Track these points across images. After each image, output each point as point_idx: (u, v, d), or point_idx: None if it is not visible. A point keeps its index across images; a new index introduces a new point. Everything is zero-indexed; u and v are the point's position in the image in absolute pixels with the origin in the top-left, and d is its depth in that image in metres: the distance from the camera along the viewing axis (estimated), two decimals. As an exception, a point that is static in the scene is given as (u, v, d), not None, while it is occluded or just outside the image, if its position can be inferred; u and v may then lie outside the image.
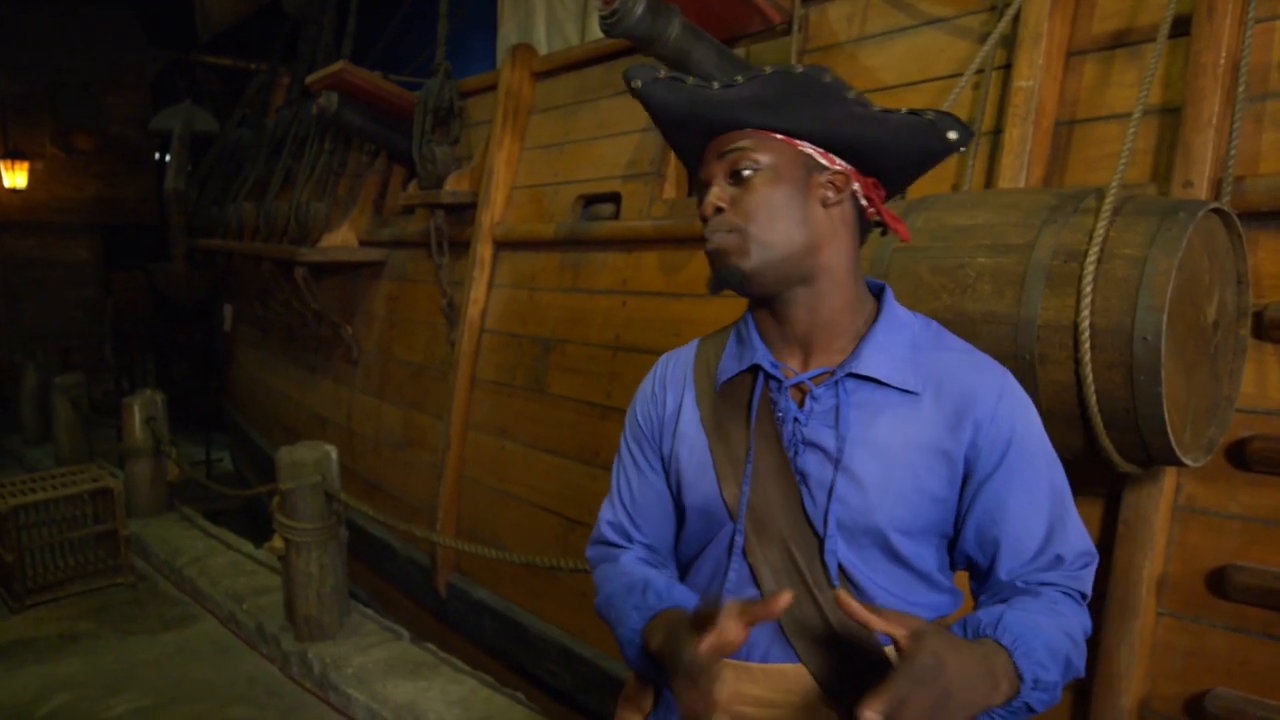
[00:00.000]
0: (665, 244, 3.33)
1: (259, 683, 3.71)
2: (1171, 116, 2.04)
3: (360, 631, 3.87)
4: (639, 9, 2.69)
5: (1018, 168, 2.22)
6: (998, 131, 2.32)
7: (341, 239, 5.40)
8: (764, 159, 1.11)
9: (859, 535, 1.10)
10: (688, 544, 1.24)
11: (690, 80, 1.11)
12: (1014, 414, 1.11)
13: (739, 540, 1.15)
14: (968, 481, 1.11)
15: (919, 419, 1.10)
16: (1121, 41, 2.19)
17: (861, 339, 1.14)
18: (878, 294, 1.21)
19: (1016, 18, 2.26)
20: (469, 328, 4.29)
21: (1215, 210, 1.64)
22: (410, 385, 4.90)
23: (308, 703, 3.52)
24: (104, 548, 4.90)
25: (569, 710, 3.59)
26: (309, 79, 5.19)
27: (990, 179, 2.32)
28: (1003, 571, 1.11)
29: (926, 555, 1.13)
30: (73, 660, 3.94)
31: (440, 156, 4.48)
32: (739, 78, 1.10)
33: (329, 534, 3.75)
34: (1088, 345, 1.55)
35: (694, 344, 1.31)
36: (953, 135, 1.10)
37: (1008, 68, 2.33)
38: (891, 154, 1.13)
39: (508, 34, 5.59)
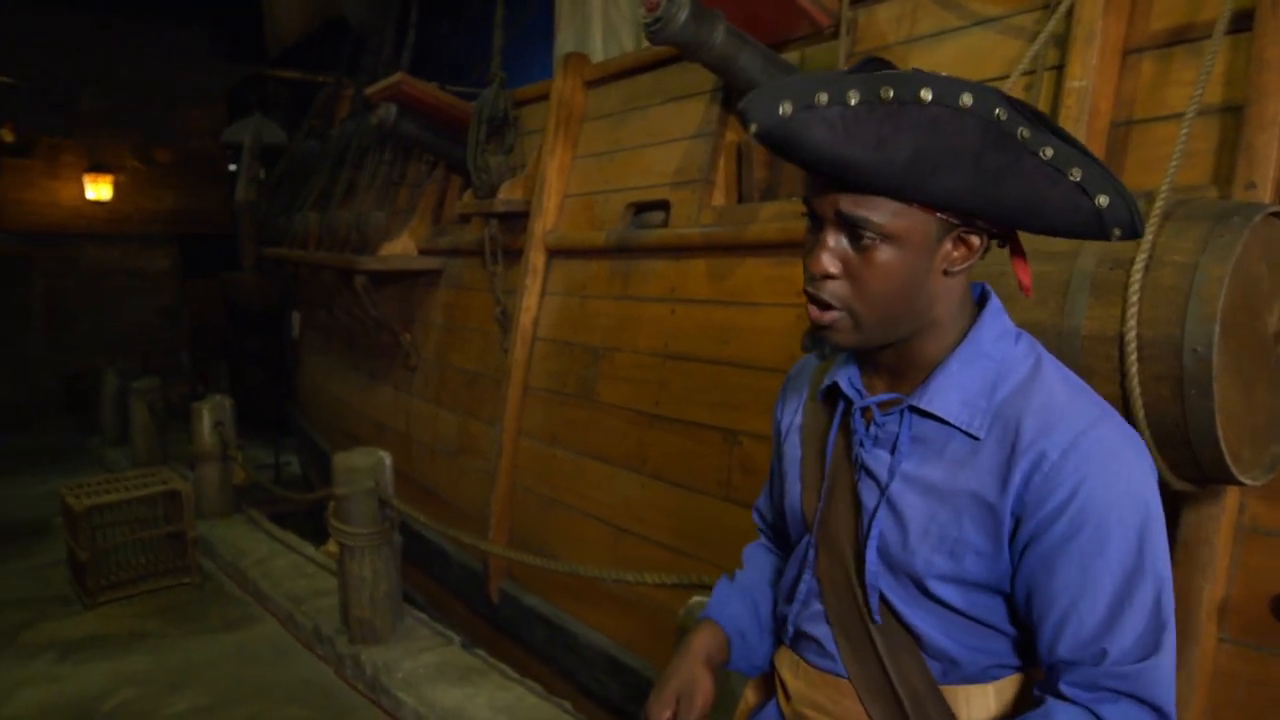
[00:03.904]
0: (713, 251, 3.30)
1: (314, 684, 3.78)
2: (1234, 115, 1.94)
3: (412, 636, 3.91)
4: (682, 16, 2.67)
5: (1070, 171, 2.13)
6: (1050, 134, 2.24)
7: (401, 248, 5.48)
8: (890, 231, 0.95)
9: (901, 573, 1.05)
10: (791, 540, 1.25)
11: (822, 98, 0.90)
12: (1083, 471, 0.94)
13: (811, 555, 1.16)
14: (1016, 538, 0.99)
15: (975, 464, 1.00)
16: (1181, 38, 2.09)
17: (934, 370, 1.04)
18: (982, 301, 1.09)
19: (1069, 15, 2.17)
20: (521, 335, 4.31)
21: (1275, 214, 1.55)
22: (465, 392, 4.95)
23: (359, 705, 3.57)
24: (173, 548, 5.06)
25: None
26: (368, 90, 5.29)
27: (1042, 183, 2.24)
28: (1044, 650, 0.99)
29: (981, 603, 1.03)
30: (139, 657, 4.07)
31: (494, 165, 4.52)
32: (886, 91, 0.89)
33: (382, 539, 3.80)
34: (1134, 357, 1.48)
35: None
36: (1117, 234, 0.96)
37: (1061, 68, 2.25)
38: (1042, 224, 0.98)
39: (564, 42, 5.62)
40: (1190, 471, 1.57)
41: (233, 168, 9.55)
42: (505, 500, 4.32)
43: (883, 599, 1.07)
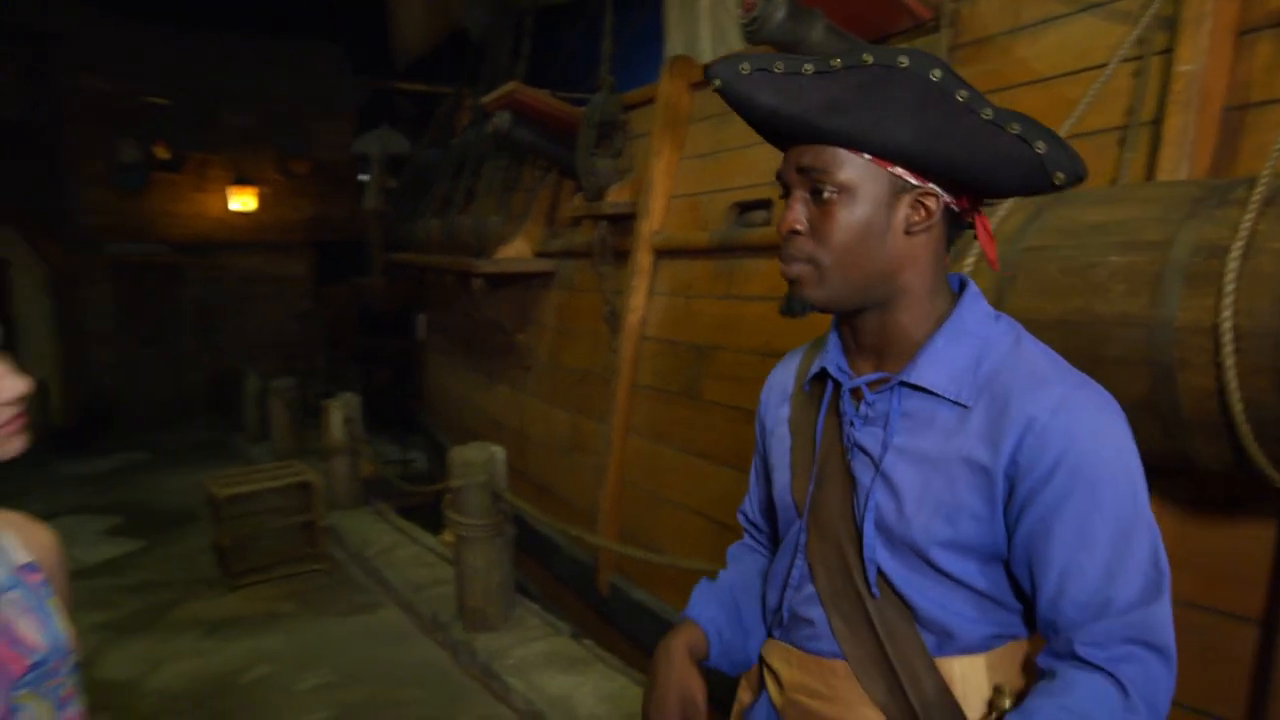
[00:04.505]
0: (815, 249, 3.30)
1: (431, 667, 3.96)
2: (1357, 96, 1.84)
3: (524, 625, 4.05)
4: (779, 15, 2.69)
5: (1178, 159, 2.06)
6: (1158, 121, 2.16)
7: (515, 251, 5.66)
8: (846, 183, 1.04)
9: (899, 546, 1.08)
10: (780, 533, 1.28)
11: (779, 67, 1.02)
12: (1071, 431, 0.98)
13: (802, 538, 1.18)
14: (1011, 501, 1.02)
15: (965, 432, 1.04)
16: (1301, 16, 1.99)
17: (921, 348, 1.09)
18: (962, 290, 1.14)
19: (1178, -2, 2.10)
20: (629, 335, 4.40)
21: (1393, 198, 1.47)
22: (576, 391, 5.08)
23: (471, 689, 3.72)
24: (305, 536, 5.37)
25: (719, 714, 3.61)
26: (484, 100, 5.50)
27: (1151, 172, 2.17)
28: (1046, 609, 1.01)
29: (984, 573, 1.06)
30: (274, 636, 4.35)
31: (602, 169, 4.62)
32: (835, 61, 1.01)
33: (495, 530, 3.95)
34: (1230, 348, 1.43)
35: (805, 347, 1.34)
36: (1060, 177, 1.00)
37: (1170, 52, 2.17)
38: (992, 177, 1.03)
39: (674, 45, 5.68)
40: (1296, 468, 1.50)
41: (362, 178, 10.01)
42: (614, 496, 4.42)
43: (880, 573, 1.09)
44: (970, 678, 1.06)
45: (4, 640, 0.99)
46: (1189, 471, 1.89)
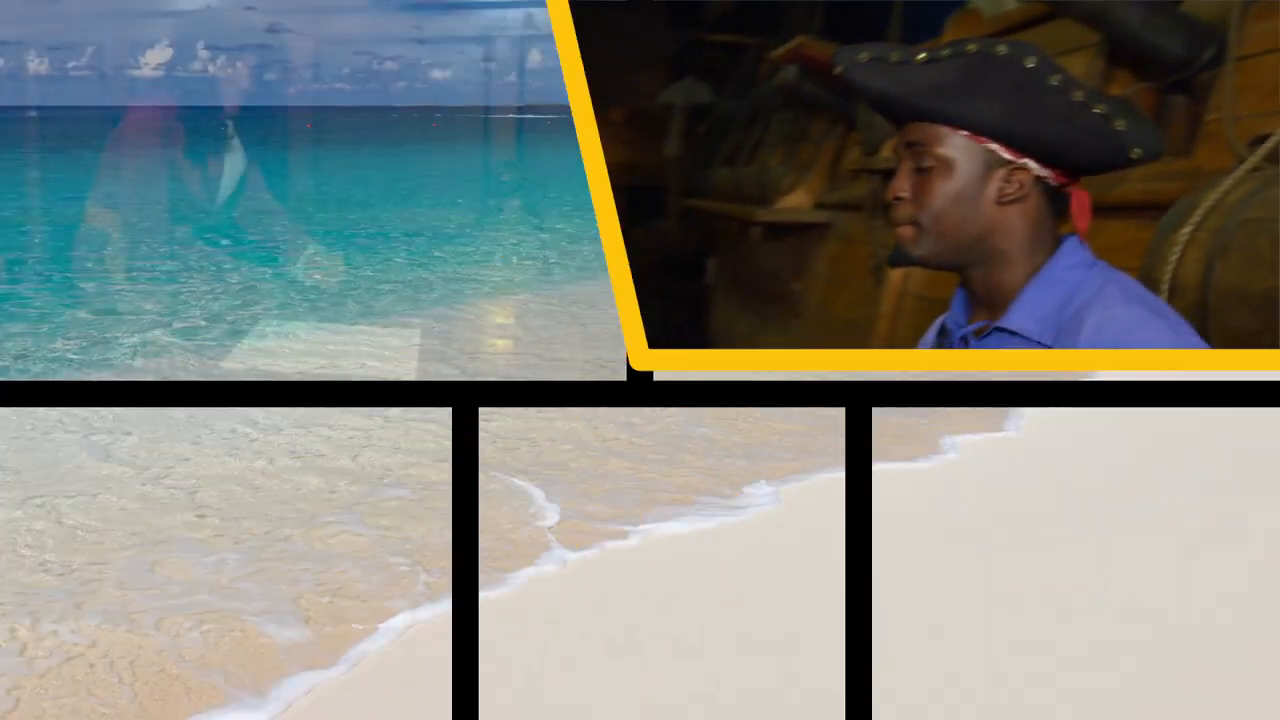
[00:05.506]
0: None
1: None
2: None
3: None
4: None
5: None
6: None
7: (794, 201, 5.78)
8: (943, 156, 1.18)
9: None
10: None
11: (894, 56, 1.21)
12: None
13: None
14: None
15: None
16: None
17: (1016, 296, 1.21)
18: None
19: None
20: (890, 290, 4.44)
21: None
22: (841, 342, 5.18)
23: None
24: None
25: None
26: (774, 54, 5.65)
27: None
28: None
29: None
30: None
31: (880, 123, 4.64)
32: (945, 51, 1.17)
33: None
34: None
35: None
36: (1136, 152, 1.14)
37: None
38: (1074, 152, 1.16)
39: (974, -3, 5.50)
40: None
41: (668, 126, 10.54)
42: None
43: None
44: None
45: None
46: None
